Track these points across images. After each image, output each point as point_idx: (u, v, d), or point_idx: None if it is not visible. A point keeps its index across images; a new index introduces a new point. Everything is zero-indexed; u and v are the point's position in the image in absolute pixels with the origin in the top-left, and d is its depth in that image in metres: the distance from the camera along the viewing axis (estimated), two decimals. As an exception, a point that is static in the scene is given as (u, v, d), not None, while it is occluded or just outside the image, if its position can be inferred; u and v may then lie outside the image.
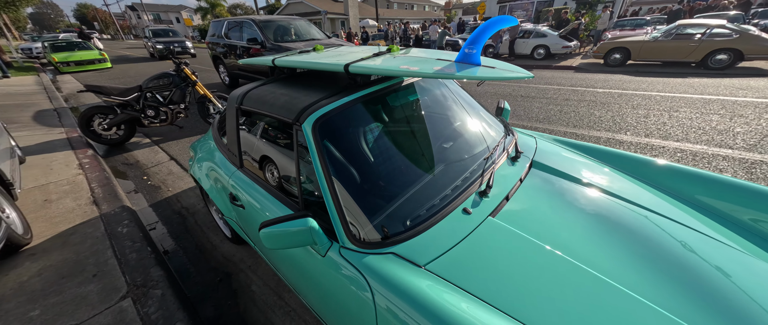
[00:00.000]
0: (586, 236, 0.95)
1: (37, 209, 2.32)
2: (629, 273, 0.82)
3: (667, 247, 0.92)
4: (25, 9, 23.22)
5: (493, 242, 0.92)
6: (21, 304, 1.53)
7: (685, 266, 0.85)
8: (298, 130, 1.05)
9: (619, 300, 0.75)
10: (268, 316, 1.59)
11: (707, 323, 0.71)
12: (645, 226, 1.00)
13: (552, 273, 0.82)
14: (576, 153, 1.48)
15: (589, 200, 1.11)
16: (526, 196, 1.12)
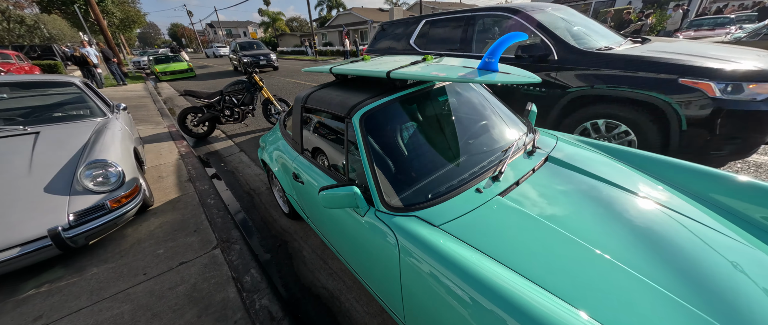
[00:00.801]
0: (583, 216, 1.11)
1: (154, 182, 3.09)
2: (618, 248, 0.97)
3: (667, 234, 1.03)
4: (136, 30, 28.74)
5: (497, 214, 1.13)
6: (151, 245, 2.14)
7: (680, 252, 0.97)
8: (349, 123, 1.40)
9: (598, 264, 0.91)
10: (315, 275, 1.97)
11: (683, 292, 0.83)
12: (646, 214, 1.12)
13: (543, 240, 1.01)
14: (594, 151, 1.58)
15: (594, 190, 1.25)
16: (535, 183, 1.30)
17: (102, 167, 2.05)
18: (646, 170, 1.43)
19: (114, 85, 11.05)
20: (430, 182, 1.30)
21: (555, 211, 1.14)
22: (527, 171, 1.36)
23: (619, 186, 1.27)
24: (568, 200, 1.20)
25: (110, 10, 17.84)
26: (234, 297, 1.69)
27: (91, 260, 2.01)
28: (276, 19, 46.60)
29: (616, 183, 1.29)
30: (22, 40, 18.38)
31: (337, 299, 1.78)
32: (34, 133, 2.32)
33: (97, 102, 2.93)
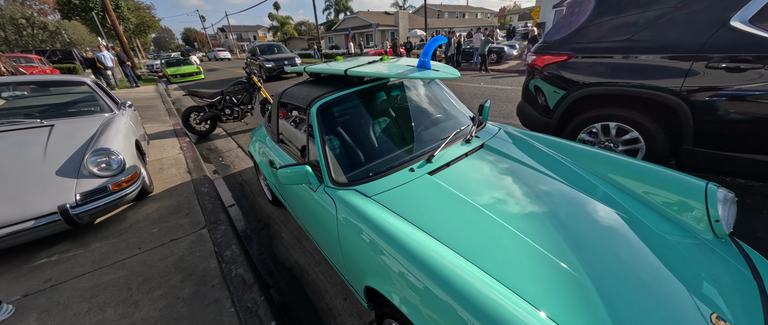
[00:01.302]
0: (492, 190, 1.30)
1: (155, 173, 3.39)
2: (520, 220, 1.15)
3: (556, 204, 1.22)
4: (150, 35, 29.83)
5: (422, 188, 1.33)
6: (147, 225, 2.41)
7: (560, 217, 1.15)
8: (308, 113, 1.62)
9: (512, 241, 1.06)
10: (290, 252, 2.20)
11: (552, 246, 1.01)
12: (540, 186, 1.31)
13: (452, 208, 1.20)
14: (533, 142, 1.76)
15: (509, 170, 1.44)
16: (464, 165, 1.49)
17: (105, 154, 2.33)
18: (566, 155, 1.61)
19: (127, 86, 11.63)
20: (371, 163, 1.51)
21: (470, 187, 1.33)
22: (460, 155, 1.55)
23: (533, 168, 1.46)
24: (485, 178, 1.40)
25: (126, 16, 18.73)
26: (214, 267, 1.92)
27: (94, 236, 2.29)
28: (284, 23, 47.63)
29: (531, 165, 1.48)
30: (45, 44, 19.50)
31: (305, 271, 2.00)
32: (49, 125, 2.63)
33: (106, 100, 3.25)
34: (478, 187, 1.34)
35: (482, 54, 10.54)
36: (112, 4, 13.80)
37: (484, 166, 1.49)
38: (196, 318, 1.55)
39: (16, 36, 18.61)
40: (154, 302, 1.67)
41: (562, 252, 1.00)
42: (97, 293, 1.74)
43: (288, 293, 1.87)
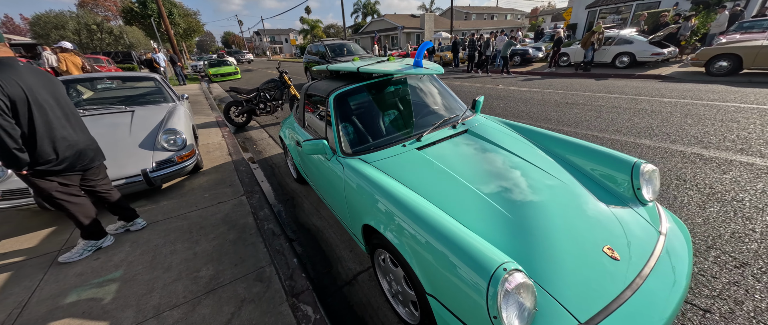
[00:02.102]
0: (465, 162, 1.67)
1: (204, 154, 4.08)
2: (484, 185, 1.51)
3: (516, 175, 1.57)
4: (195, 38, 32.63)
5: (410, 159, 1.73)
6: (200, 191, 3.03)
7: (522, 187, 1.50)
8: (327, 101, 2.08)
9: (471, 196, 1.42)
10: (309, 218, 2.68)
11: (519, 213, 1.37)
12: (510, 163, 1.65)
13: (442, 180, 1.57)
14: (510, 130, 2.09)
15: (484, 149, 1.79)
16: (447, 145, 1.87)
17: (173, 133, 2.98)
18: (534, 140, 1.93)
19: (177, 84, 13.08)
20: (373, 139, 1.94)
21: (447, 159, 1.71)
22: (444, 137, 1.93)
23: (504, 148, 1.80)
24: (461, 154, 1.77)
25: (177, 22, 20.86)
26: (251, 222, 2.45)
27: (163, 196, 2.94)
28: (314, 26, 49.64)
29: (503, 146, 1.82)
30: (110, 47, 22.34)
31: (321, 231, 2.48)
32: (131, 111, 3.36)
33: (170, 92, 3.98)
34: (454, 160, 1.72)
35: (504, 56, 10.55)
36: (165, 12, 15.56)
37: (462, 145, 1.86)
38: (239, 253, 2.07)
39: (88, 40, 21.56)
40: (209, 241, 2.22)
41: (504, 203, 1.37)
42: (168, 234, 2.34)
43: (306, 246, 2.34)
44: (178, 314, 1.60)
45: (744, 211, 2.09)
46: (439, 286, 1.11)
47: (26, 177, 1.73)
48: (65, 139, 1.80)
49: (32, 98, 1.63)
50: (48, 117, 1.71)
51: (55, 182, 1.81)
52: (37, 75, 1.74)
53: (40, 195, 1.82)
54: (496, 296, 0.91)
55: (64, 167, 1.81)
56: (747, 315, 1.39)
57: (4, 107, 1.50)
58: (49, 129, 1.71)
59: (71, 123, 1.87)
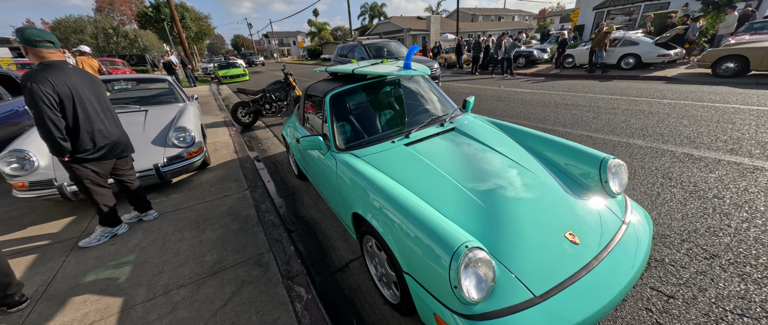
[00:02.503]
0: (448, 158, 1.80)
1: (212, 152, 4.29)
2: (463, 177, 1.63)
3: (493, 169, 1.69)
4: (206, 41, 33.45)
5: (398, 154, 1.87)
6: (208, 185, 3.22)
7: (493, 177, 1.63)
8: (323, 101, 2.24)
9: (449, 187, 1.55)
10: (308, 211, 2.84)
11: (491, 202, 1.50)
12: (489, 158, 1.77)
13: (425, 173, 1.70)
14: (495, 128, 2.21)
15: (467, 145, 1.92)
16: (434, 141, 2.00)
17: (183, 131, 3.18)
18: (516, 138, 2.04)
19: (188, 86, 13.52)
20: (364, 136, 2.08)
21: (432, 154, 1.84)
22: (432, 134, 2.06)
23: (486, 145, 1.92)
24: (446, 150, 1.90)
25: (188, 26, 21.50)
26: (253, 214, 2.62)
27: (173, 190, 3.14)
28: (321, 28, 50.30)
29: (486, 143, 1.94)
30: (125, 50, 23.19)
31: (318, 223, 2.63)
32: (145, 110, 3.59)
33: (181, 93, 4.22)
34: (438, 155, 1.85)
35: (508, 58, 10.58)
36: (178, 16, 16.11)
37: (448, 142, 1.99)
38: (241, 241, 2.24)
39: (104, 43, 22.43)
40: (214, 230, 2.39)
41: (479, 193, 1.49)
42: (177, 223, 2.52)
43: (304, 236, 2.50)
44: (185, 292, 1.77)
45: (723, 207, 2.15)
46: (413, 264, 1.24)
47: (67, 163, 1.96)
48: (101, 132, 2.04)
49: (77, 96, 1.88)
50: (88, 112, 1.96)
51: (89, 170, 2.04)
52: (82, 76, 1.99)
53: (74, 180, 2.05)
54: (458, 268, 1.03)
55: (99, 156, 2.05)
56: (708, 301, 1.48)
57: (54, 102, 1.75)
58: (89, 122, 1.96)
59: (108, 118, 2.12)
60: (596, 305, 1.09)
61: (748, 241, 1.82)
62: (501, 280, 1.14)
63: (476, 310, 1.07)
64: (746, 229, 1.92)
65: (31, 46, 1.75)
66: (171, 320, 1.58)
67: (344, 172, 1.81)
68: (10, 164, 2.48)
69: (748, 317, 1.38)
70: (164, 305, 1.68)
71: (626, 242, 1.33)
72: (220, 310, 1.63)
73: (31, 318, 1.64)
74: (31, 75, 1.71)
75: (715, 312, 1.42)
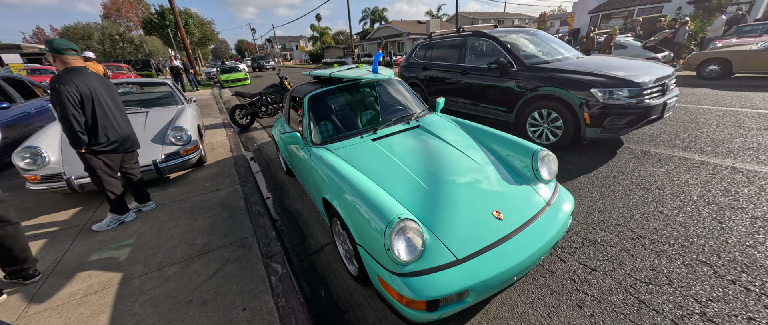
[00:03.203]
0: (408, 151, 2.05)
1: (208, 151, 4.57)
2: (417, 167, 1.88)
3: (444, 159, 1.94)
4: (210, 46, 34.11)
5: (365, 148, 2.12)
6: (202, 180, 3.49)
7: (439, 164, 1.87)
8: (302, 101, 2.50)
9: (403, 174, 1.80)
10: (293, 203, 3.10)
11: (435, 187, 1.74)
12: (443, 151, 2.02)
13: (384, 163, 1.95)
14: (455, 126, 2.46)
15: (427, 140, 2.17)
16: (398, 137, 2.25)
17: (180, 130, 3.46)
18: (470, 133, 2.28)
19: (190, 90, 13.92)
20: (337, 133, 2.34)
21: (394, 148, 2.09)
22: (397, 131, 2.31)
23: (443, 139, 2.17)
24: (407, 144, 2.15)
25: (192, 31, 22.05)
26: (242, 205, 2.88)
27: (170, 184, 3.41)
28: (323, 33, 51.03)
29: (443, 138, 2.19)
30: (130, 56, 23.82)
31: (301, 214, 2.88)
32: (146, 112, 3.88)
33: (180, 96, 4.52)
34: (399, 148, 2.10)
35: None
36: (182, 22, 16.61)
37: (410, 138, 2.24)
38: (229, 227, 2.49)
39: (111, 49, 23.08)
40: (206, 218, 2.65)
41: (426, 179, 1.74)
42: (173, 212, 2.79)
43: (287, 224, 2.75)
44: (176, 268, 2.03)
45: (662, 197, 2.38)
46: (362, 235, 1.49)
47: (83, 154, 2.26)
48: (114, 128, 2.35)
49: (95, 97, 2.20)
50: (104, 111, 2.27)
51: (101, 161, 2.33)
52: (99, 80, 2.32)
53: (89, 170, 2.34)
54: (390, 234, 1.28)
55: (111, 149, 2.35)
56: (624, 273, 1.70)
57: (76, 101, 2.07)
58: (104, 119, 2.27)
59: (120, 116, 2.44)
60: (504, 267, 1.33)
61: (673, 225, 2.04)
62: (431, 246, 1.38)
63: (408, 269, 1.31)
64: (675, 215, 2.14)
65: (59, 53, 2.07)
66: (163, 290, 1.83)
67: (317, 163, 2.07)
68: (24, 159, 2.77)
69: (653, 284, 1.60)
70: (157, 278, 1.93)
71: (544, 220, 1.56)
72: (206, 282, 1.88)
73: (44, 289, 1.90)
74: (58, 78, 2.03)
75: (626, 281, 1.65)
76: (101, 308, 1.71)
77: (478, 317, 1.56)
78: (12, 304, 1.78)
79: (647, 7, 15.92)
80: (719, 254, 1.75)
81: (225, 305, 1.68)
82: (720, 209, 2.16)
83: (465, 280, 1.28)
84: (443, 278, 1.28)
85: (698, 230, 1.96)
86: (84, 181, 2.81)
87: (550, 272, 1.78)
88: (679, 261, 1.74)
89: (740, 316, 1.39)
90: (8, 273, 1.88)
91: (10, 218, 1.81)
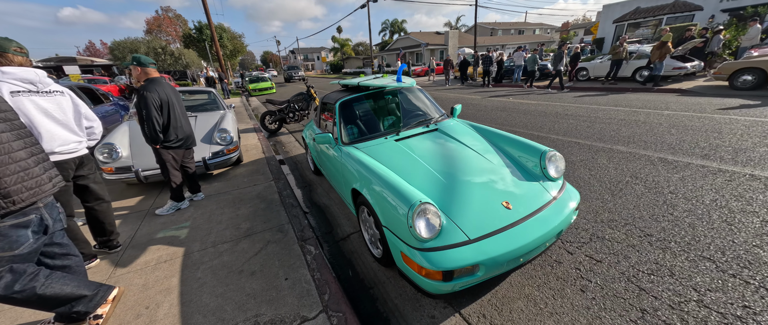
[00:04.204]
0: (427, 151, 2.31)
1: (244, 152, 5.06)
2: (435, 164, 2.14)
3: (460, 159, 2.19)
4: (239, 58, 36.36)
5: (389, 147, 2.40)
6: (241, 177, 3.92)
7: (458, 164, 2.12)
8: (334, 107, 2.85)
9: (423, 169, 2.07)
10: (321, 198, 3.43)
11: (452, 181, 2.00)
12: (459, 151, 2.27)
13: (406, 159, 2.23)
14: (472, 130, 2.69)
15: (445, 142, 2.42)
16: (418, 139, 2.52)
17: (224, 132, 3.94)
18: (485, 136, 2.51)
19: (224, 98, 15.03)
20: (364, 134, 2.66)
21: (415, 148, 2.36)
22: (417, 133, 2.59)
23: (460, 141, 2.42)
24: (427, 145, 2.41)
25: (225, 44, 23.79)
26: (277, 198, 3.24)
27: (215, 179, 3.87)
28: (344, 44, 52.88)
29: (460, 140, 2.43)
30: (170, 67, 26.08)
31: (328, 207, 3.20)
32: (195, 115, 4.42)
33: (221, 102, 5.07)
34: (419, 148, 2.37)
35: (532, 70, 10.82)
36: (217, 36, 18.03)
37: (429, 140, 2.51)
38: (267, 216, 2.85)
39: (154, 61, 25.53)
40: (247, 208, 3.03)
41: (443, 173, 2.00)
42: (219, 202, 3.20)
43: (316, 216, 3.07)
44: (227, 246, 2.38)
45: (674, 201, 2.46)
46: (388, 218, 1.76)
47: (157, 150, 2.72)
48: (181, 128, 2.82)
49: (170, 102, 2.68)
50: (176, 114, 2.75)
51: (170, 155, 2.78)
52: (171, 88, 2.81)
53: (160, 162, 2.80)
54: (412, 215, 1.54)
55: (178, 145, 2.82)
56: (629, 265, 1.84)
57: (157, 106, 2.54)
58: (175, 120, 2.74)
59: (184, 118, 2.92)
60: (510, 247, 1.54)
61: (681, 225, 2.14)
62: (447, 227, 1.62)
63: (427, 245, 1.56)
64: (685, 217, 2.23)
65: (144, 66, 2.57)
66: (219, 262, 2.18)
67: (346, 159, 2.38)
68: (103, 153, 3.30)
69: (655, 275, 1.74)
70: (213, 253, 2.29)
71: (549, 212, 1.75)
72: (253, 257, 2.21)
73: (124, 257, 2.31)
74: (146, 86, 2.52)
75: (629, 272, 1.79)
76: (171, 273, 2.07)
77: (489, 296, 1.77)
78: (102, 267, 2.20)
79: (677, 16, 15.38)
80: (724, 251, 1.85)
81: (270, 275, 1.99)
82: (731, 212, 2.23)
83: (475, 256, 1.51)
84: (457, 253, 1.52)
85: (706, 231, 2.06)
86: (148, 173, 3.30)
87: (557, 262, 1.95)
88: (683, 257, 1.85)
89: (736, 304, 1.51)
90: (99, 243, 2.31)
91: (105, 197, 2.25)
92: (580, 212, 2.47)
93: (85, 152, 2.15)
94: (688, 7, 15.01)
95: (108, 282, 2.01)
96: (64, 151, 1.97)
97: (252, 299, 1.80)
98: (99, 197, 2.22)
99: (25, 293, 1.39)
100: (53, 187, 1.43)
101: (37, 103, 1.84)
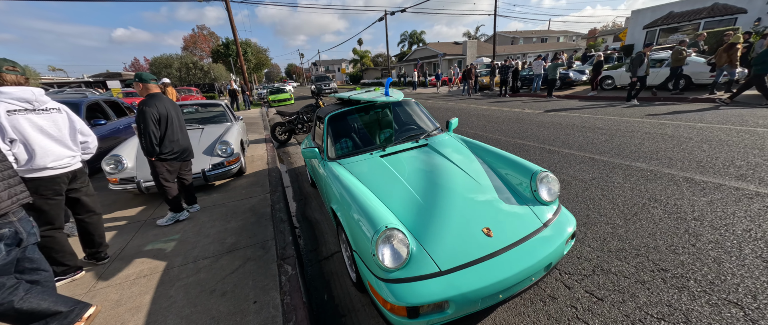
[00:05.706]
0: (411, 168, 2.18)
1: (248, 163, 5.16)
2: (416, 183, 2.01)
3: (444, 177, 2.04)
4: (264, 70, 38.28)
5: (373, 164, 2.30)
6: (239, 188, 3.97)
7: (441, 184, 1.98)
8: (323, 120, 2.80)
9: (401, 188, 1.95)
10: (313, 213, 3.36)
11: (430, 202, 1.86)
12: (445, 169, 2.11)
13: (386, 177, 2.12)
14: (463, 145, 2.53)
15: (431, 158, 2.28)
16: (405, 155, 2.40)
17: (225, 144, 4.02)
18: (475, 153, 2.34)
19: (244, 109, 15.72)
20: (350, 149, 2.57)
21: (399, 165, 2.24)
22: (405, 149, 2.47)
23: (447, 158, 2.27)
24: (412, 162, 2.28)
25: (250, 59, 25.15)
26: (268, 212, 3.22)
27: (214, 191, 3.94)
28: (363, 56, 54.16)
29: (448, 157, 2.28)
30: (200, 80, 28.03)
31: (319, 222, 3.12)
32: (202, 128, 4.58)
33: (230, 114, 5.24)
34: (403, 165, 2.24)
35: (553, 78, 10.38)
36: (241, 51, 19.12)
37: (416, 156, 2.38)
38: (254, 230, 2.81)
39: (185, 75, 27.49)
40: (237, 221, 3.02)
41: (422, 193, 1.86)
42: (212, 214, 3.22)
43: (306, 231, 3.00)
44: (207, 262, 2.35)
45: (697, 229, 2.13)
46: (357, 242, 1.64)
47: (152, 162, 2.81)
48: (178, 142, 2.90)
49: (168, 116, 2.77)
50: (174, 127, 2.84)
51: (164, 168, 2.85)
52: (170, 102, 2.92)
53: (154, 174, 2.87)
54: (376, 241, 1.42)
55: (173, 158, 2.89)
56: (634, 306, 1.58)
57: (155, 121, 2.64)
58: (172, 134, 2.82)
59: (182, 132, 3.00)
60: (486, 282, 1.36)
61: (705, 260, 1.83)
62: (417, 256, 1.47)
63: (392, 276, 1.42)
64: (709, 250, 1.91)
65: (145, 82, 2.69)
66: (195, 279, 2.15)
67: (329, 175, 2.30)
68: (110, 164, 3.47)
69: (666, 321, 1.47)
70: (192, 269, 2.27)
71: (536, 241, 1.55)
72: (229, 275, 2.16)
73: (109, 269, 2.35)
74: (145, 102, 2.64)
75: (636, 314, 1.53)
76: (146, 289, 2.06)
77: (467, 334, 1.57)
78: (86, 280, 2.24)
79: (718, 20, 14.22)
80: (755, 296, 1.54)
81: (240, 297, 1.92)
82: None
83: (445, 291, 1.35)
84: (424, 287, 1.36)
85: (735, 268, 1.74)
86: (149, 184, 3.41)
87: (551, 298, 1.72)
88: (703, 299, 1.56)
89: (770, 368, 1.22)
90: (87, 254, 2.37)
91: (96, 209, 2.32)
92: (585, 238, 2.20)
93: (79, 166, 2.24)
94: (729, 10, 13.86)
95: (86, 297, 2.03)
96: (57, 166, 2.05)
97: (216, 323, 1.72)
98: (90, 210, 2.28)
99: (2, 306, 1.40)
100: (12, 203, 1.46)
101: (32, 121, 1.94)
